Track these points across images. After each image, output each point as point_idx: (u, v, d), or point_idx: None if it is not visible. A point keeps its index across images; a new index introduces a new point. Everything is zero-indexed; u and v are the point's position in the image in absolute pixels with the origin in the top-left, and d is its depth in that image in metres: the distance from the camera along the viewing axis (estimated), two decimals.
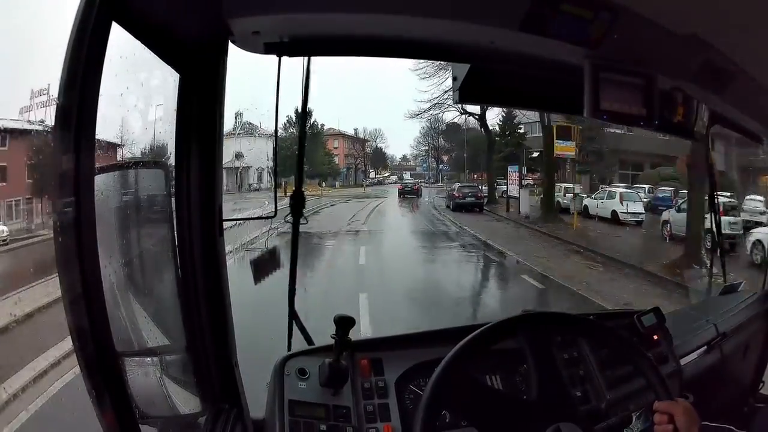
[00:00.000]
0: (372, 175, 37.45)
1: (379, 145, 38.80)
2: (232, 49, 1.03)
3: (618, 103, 1.10)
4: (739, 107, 1.46)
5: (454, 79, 1.26)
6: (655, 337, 1.51)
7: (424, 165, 37.84)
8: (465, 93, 1.26)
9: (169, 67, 0.94)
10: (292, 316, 1.30)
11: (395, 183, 34.88)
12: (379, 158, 38.49)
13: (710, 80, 1.24)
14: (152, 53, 0.86)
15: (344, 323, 1.17)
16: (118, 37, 0.68)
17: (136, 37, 0.79)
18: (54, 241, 0.60)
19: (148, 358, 0.95)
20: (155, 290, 1.07)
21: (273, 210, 1.24)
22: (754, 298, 2.00)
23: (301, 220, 1.23)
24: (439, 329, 1.40)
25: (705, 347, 1.69)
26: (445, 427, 1.23)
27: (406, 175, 36.82)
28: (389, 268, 10.36)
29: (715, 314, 1.83)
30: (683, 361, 1.54)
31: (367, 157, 37.01)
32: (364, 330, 5.14)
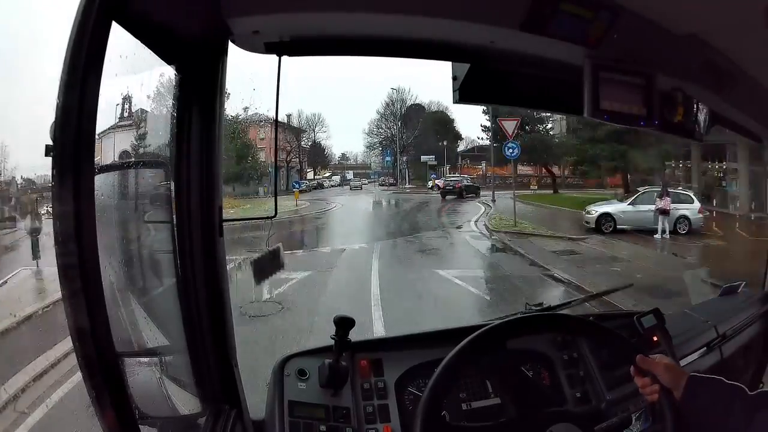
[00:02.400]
0: (310, 175, 28.51)
1: (318, 136, 29.48)
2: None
3: (618, 102, 1.10)
4: (739, 107, 1.46)
5: (454, 78, 1.26)
6: (655, 339, 1.51)
7: (387, 159, 29.03)
8: (465, 92, 1.26)
9: (169, 66, 0.94)
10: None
11: (340, 186, 27.80)
12: (317, 154, 29.59)
13: (710, 80, 1.24)
14: (152, 53, 0.86)
15: (344, 324, 1.17)
16: (118, 36, 0.68)
17: (136, 36, 0.79)
18: (54, 241, 0.60)
19: (148, 359, 0.95)
20: (155, 290, 1.07)
21: (273, 210, 1.24)
22: (754, 299, 2.00)
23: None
24: (439, 330, 1.40)
25: (705, 348, 1.69)
26: (444, 428, 1.23)
27: (349, 175, 30.11)
28: None
29: (714, 315, 1.83)
30: (683, 362, 1.54)
31: (303, 153, 27.76)
32: None
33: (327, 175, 29.79)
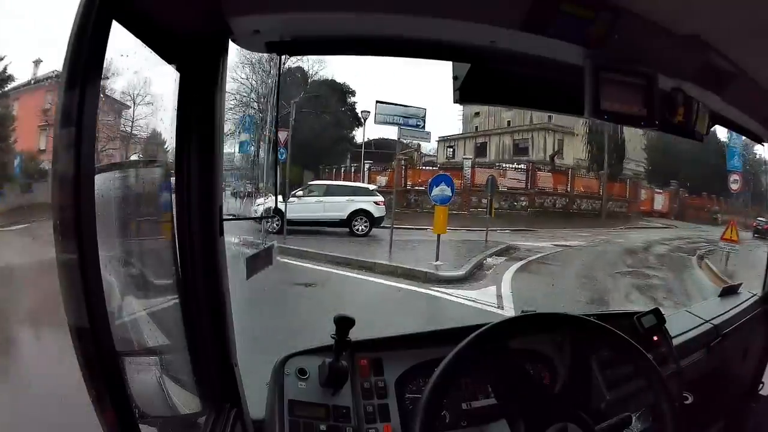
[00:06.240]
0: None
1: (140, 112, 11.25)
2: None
3: (618, 103, 1.10)
4: (739, 107, 1.46)
5: (455, 78, 1.26)
6: (655, 338, 1.51)
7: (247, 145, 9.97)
8: (465, 93, 1.26)
9: (170, 66, 0.94)
10: None
11: None
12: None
13: (710, 80, 1.24)
14: (153, 52, 0.86)
15: (344, 323, 1.17)
16: (119, 36, 0.68)
17: (137, 36, 0.79)
18: (54, 240, 0.60)
19: (148, 358, 0.95)
20: (155, 290, 1.07)
21: (273, 209, 1.24)
22: (754, 300, 2.00)
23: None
24: (439, 330, 1.40)
25: (704, 348, 1.69)
26: (444, 428, 1.23)
27: None
28: None
29: (714, 315, 1.83)
30: (683, 363, 1.54)
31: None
32: None
33: None
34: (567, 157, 21.36)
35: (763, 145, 1.81)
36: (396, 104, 10.55)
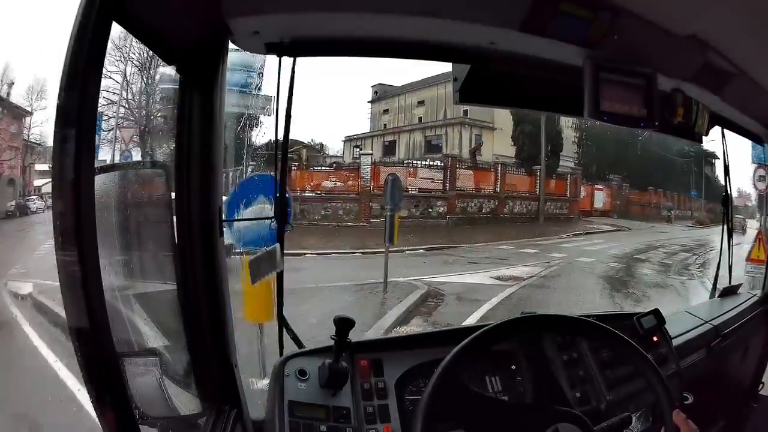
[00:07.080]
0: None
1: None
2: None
3: (618, 103, 1.10)
4: (739, 107, 1.46)
5: (455, 79, 1.26)
6: (655, 339, 1.51)
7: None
8: (465, 93, 1.26)
9: (170, 66, 0.94)
10: (282, 321, 1.29)
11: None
12: None
13: (710, 81, 1.25)
14: (153, 53, 0.86)
15: (344, 324, 1.17)
16: (118, 37, 0.68)
17: (137, 37, 0.79)
18: (54, 241, 0.60)
19: (148, 359, 0.95)
20: (155, 290, 1.07)
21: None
22: (754, 300, 2.00)
23: (287, 227, 1.22)
24: (439, 330, 1.41)
25: (704, 349, 1.69)
26: (444, 429, 1.23)
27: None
28: None
29: (714, 316, 1.83)
30: (683, 363, 1.54)
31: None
32: None
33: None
34: (486, 153, 19.10)
35: (763, 145, 1.81)
36: None
